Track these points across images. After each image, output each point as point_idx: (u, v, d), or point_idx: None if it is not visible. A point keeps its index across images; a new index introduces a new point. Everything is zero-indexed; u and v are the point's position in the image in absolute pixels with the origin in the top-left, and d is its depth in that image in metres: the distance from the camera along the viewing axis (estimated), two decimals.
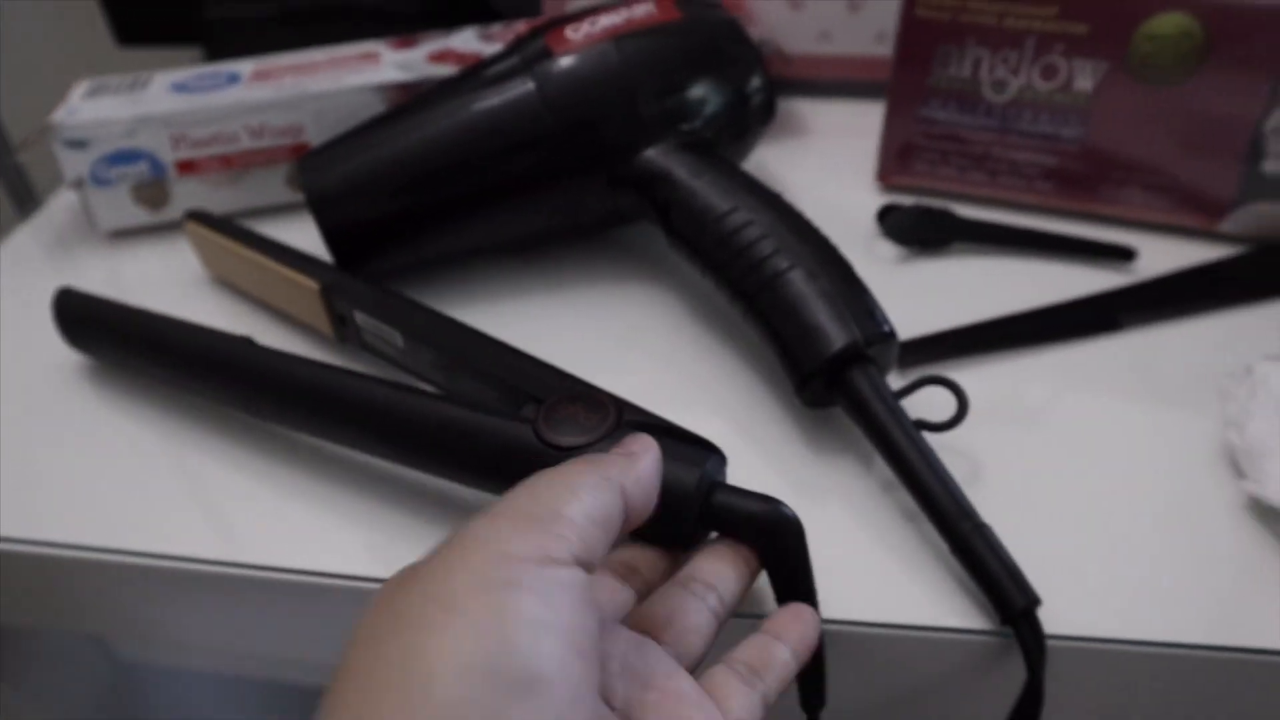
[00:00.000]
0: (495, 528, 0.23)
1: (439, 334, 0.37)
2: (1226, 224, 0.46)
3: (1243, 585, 0.33)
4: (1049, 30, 0.43)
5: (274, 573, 0.34)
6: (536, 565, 0.22)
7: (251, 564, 0.34)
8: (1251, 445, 0.35)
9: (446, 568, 0.22)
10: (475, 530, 0.23)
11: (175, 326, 0.39)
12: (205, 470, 0.38)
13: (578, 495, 0.24)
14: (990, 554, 0.31)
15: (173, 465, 0.38)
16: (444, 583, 0.22)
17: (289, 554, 0.34)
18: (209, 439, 0.39)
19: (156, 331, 0.39)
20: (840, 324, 0.35)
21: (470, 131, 0.43)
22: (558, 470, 0.25)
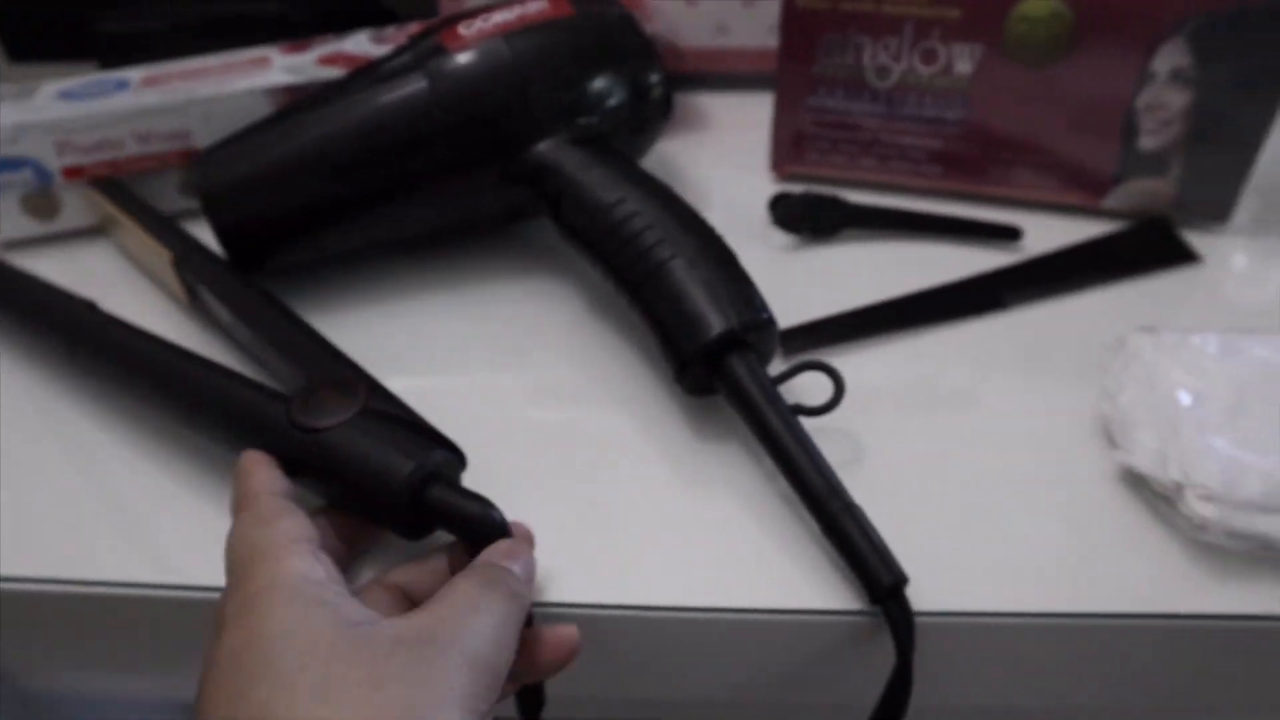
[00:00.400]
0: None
1: (253, 314, 0.40)
2: (1109, 200, 0.47)
3: (1114, 553, 0.34)
4: (925, 16, 0.44)
5: (200, 592, 0.34)
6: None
7: (176, 585, 0.34)
8: (1123, 415, 0.36)
9: None
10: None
11: (22, 280, 0.43)
12: (115, 485, 0.37)
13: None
14: (859, 534, 0.31)
15: (78, 479, 0.38)
16: None
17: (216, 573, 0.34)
18: (115, 450, 0.39)
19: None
20: (718, 311, 0.36)
21: (363, 128, 0.42)
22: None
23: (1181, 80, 0.43)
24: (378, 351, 0.42)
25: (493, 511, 0.30)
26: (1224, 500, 0.32)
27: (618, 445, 0.38)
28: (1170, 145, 0.45)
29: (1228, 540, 0.32)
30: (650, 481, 0.36)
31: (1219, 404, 0.35)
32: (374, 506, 0.32)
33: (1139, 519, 0.35)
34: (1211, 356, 0.36)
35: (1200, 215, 0.47)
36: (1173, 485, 0.33)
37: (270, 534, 0.28)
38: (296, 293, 0.45)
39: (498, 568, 0.29)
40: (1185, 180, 0.46)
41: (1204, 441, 0.33)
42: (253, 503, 0.30)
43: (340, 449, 0.32)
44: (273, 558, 0.27)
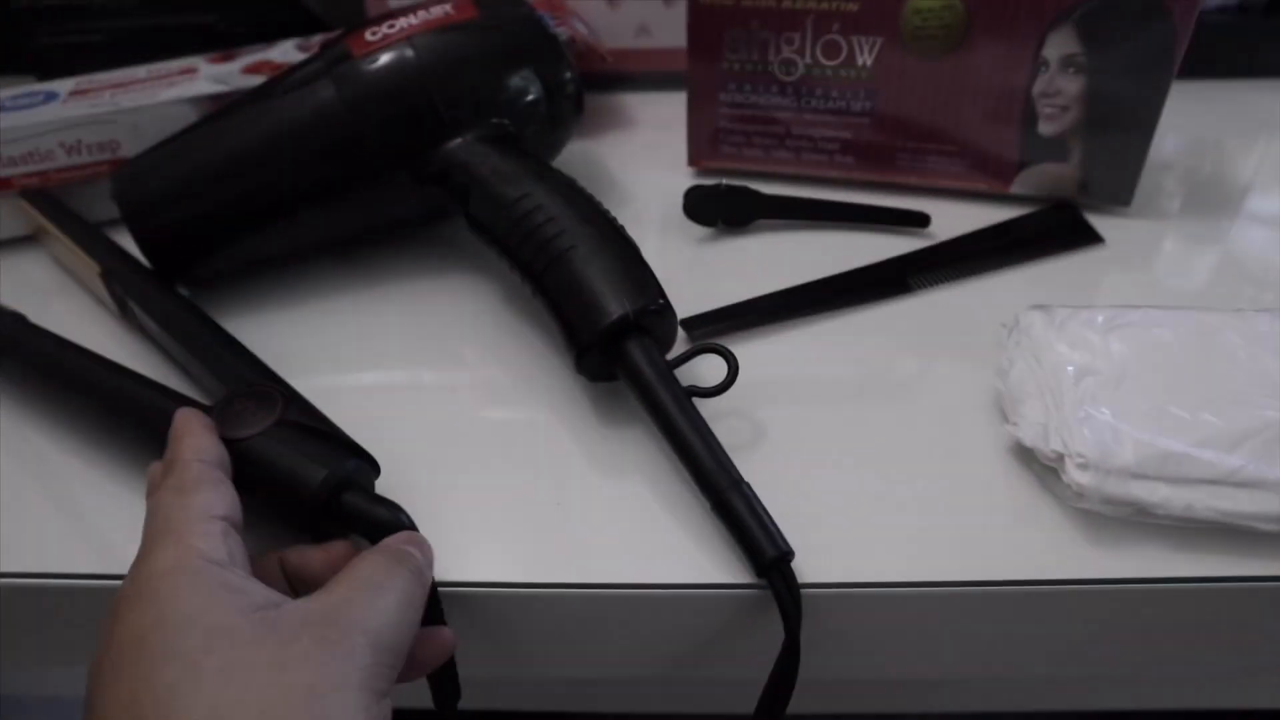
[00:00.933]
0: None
1: (179, 326, 0.41)
2: (1016, 186, 0.49)
3: (1002, 523, 0.35)
4: (824, 9, 0.45)
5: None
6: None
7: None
8: (1012, 390, 0.37)
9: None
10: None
11: None
12: (59, 480, 0.38)
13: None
14: (745, 509, 0.32)
15: (29, 474, 0.38)
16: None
17: None
18: (66, 443, 0.39)
19: None
20: (613, 298, 0.37)
21: (274, 136, 0.43)
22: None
23: (1073, 67, 0.44)
24: (301, 352, 0.43)
25: (401, 515, 0.32)
26: (1099, 468, 0.33)
27: (530, 433, 0.39)
28: (1069, 131, 0.46)
29: (1104, 506, 0.33)
30: (561, 466, 0.37)
31: (1101, 376, 0.36)
32: (291, 513, 0.33)
33: (1027, 490, 0.36)
34: (1098, 330, 0.37)
35: (1103, 199, 0.48)
36: (1054, 455, 0.34)
37: (184, 507, 0.28)
38: (224, 298, 0.46)
39: (400, 549, 0.30)
40: (1087, 165, 0.47)
41: (1084, 412, 0.34)
42: (177, 469, 0.30)
43: (257, 459, 0.33)
44: (178, 537, 0.27)
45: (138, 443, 0.37)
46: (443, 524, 0.33)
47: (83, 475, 0.38)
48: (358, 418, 0.36)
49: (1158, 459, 0.33)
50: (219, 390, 0.37)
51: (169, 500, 0.29)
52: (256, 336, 0.41)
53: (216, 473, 0.31)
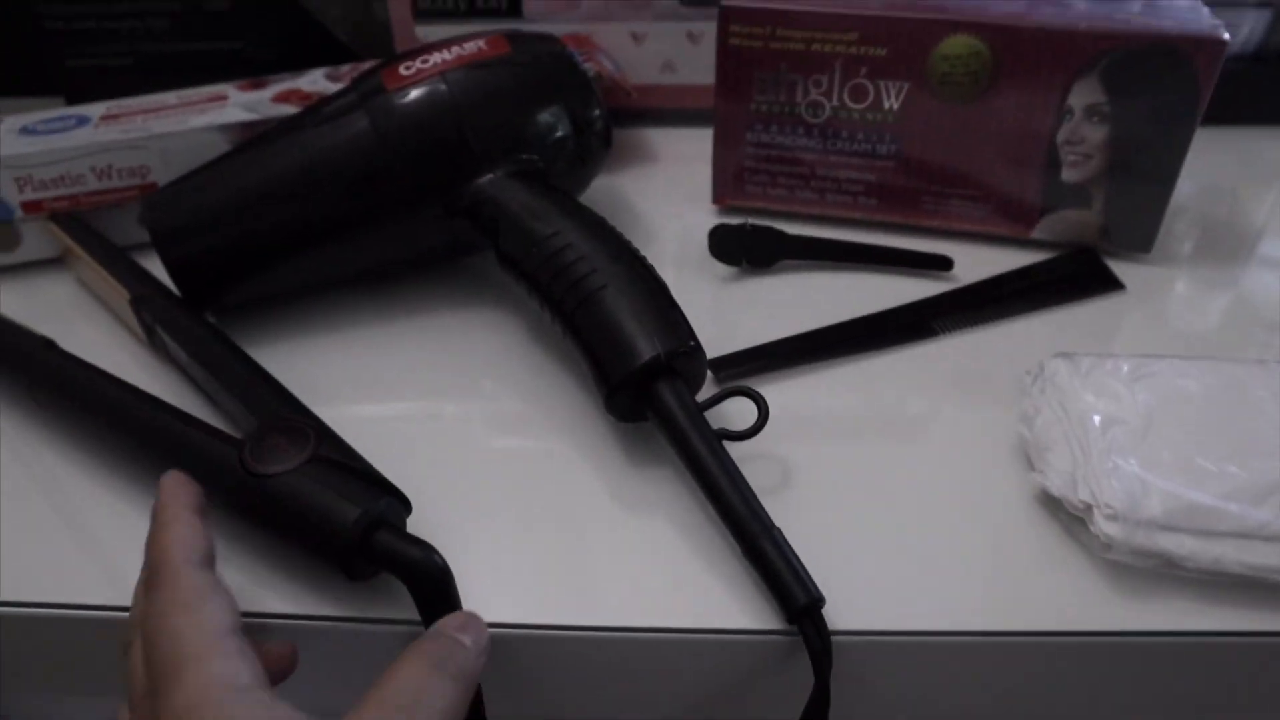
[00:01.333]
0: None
1: (208, 355, 0.41)
2: (1038, 231, 0.49)
3: (1030, 572, 0.35)
4: (852, 54, 0.46)
5: None
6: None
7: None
8: (1038, 439, 0.37)
9: None
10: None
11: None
12: (79, 511, 0.38)
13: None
14: (776, 555, 0.32)
15: (44, 504, 0.38)
16: None
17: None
18: (80, 474, 0.40)
19: None
20: (644, 339, 0.37)
21: (308, 166, 0.44)
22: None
23: (1097, 116, 0.45)
24: (326, 383, 0.43)
25: (434, 556, 0.32)
26: (1127, 519, 0.33)
27: (556, 470, 0.39)
28: (1092, 178, 0.47)
29: (1132, 558, 0.33)
30: (587, 505, 0.37)
31: (1128, 426, 0.36)
32: (322, 552, 0.33)
33: (1054, 539, 0.36)
34: (1123, 380, 0.38)
35: (1124, 245, 0.49)
36: (1082, 505, 0.34)
37: (195, 627, 0.27)
38: (249, 325, 0.46)
39: (447, 641, 0.29)
40: (1109, 211, 0.47)
41: (1112, 463, 0.35)
42: (172, 579, 0.28)
43: (290, 495, 0.33)
44: (198, 662, 0.26)
45: (159, 469, 0.37)
46: (469, 561, 0.33)
47: (111, 506, 0.38)
48: (382, 449, 0.36)
49: (1185, 511, 0.33)
50: (248, 421, 0.38)
51: (176, 619, 0.27)
52: (281, 364, 0.41)
53: (213, 576, 0.29)
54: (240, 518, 0.35)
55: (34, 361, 0.41)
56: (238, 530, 0.36)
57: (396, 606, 0.33)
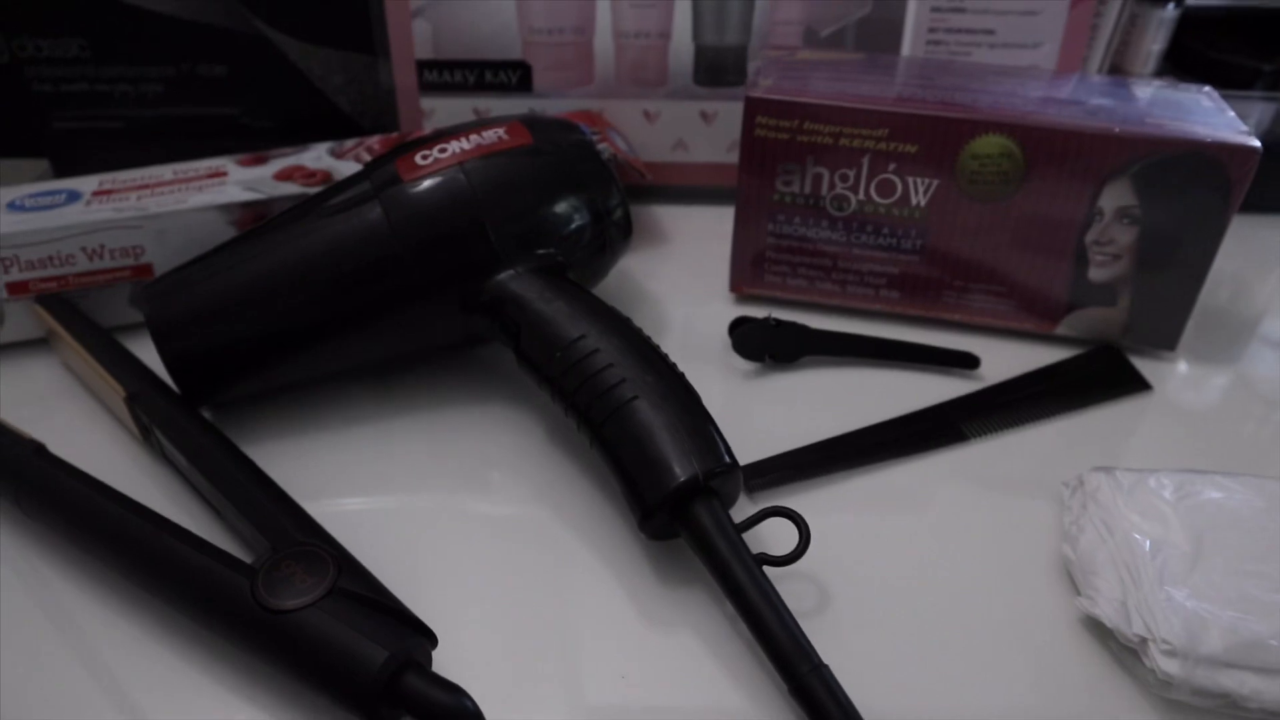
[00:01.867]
0: None
1: (211, 463, 0.38)
2: (1061, 327, 0.48)
3: (1084, 708, 0.33)
4: (881, 149, 0.45)
5: None
6: None
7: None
8: (1082, 560, 0.36)
9: None
10: None
11: None
12: (92, 631, 0.36)
13: None
14: (828, 697, 0.31)
15: (49, 623, 0.36)
16: None
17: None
18: (90, 591, 0.37)
19: None
20: (682, 457, 0.35)
21: (317, 258, 0.42)
22: None
23: (1128, 218, 0.44)
24: (330, 477, 0.41)
25: (466, 701, 0.30)
26: (1187, 656, 0.32)
27: (583, 588, 0.37)
28: (1119, 277, 0.46)
29: (1193, 698, 0.32)
30: (619, 630, 0.36)
31: (1177, 552, 0.35)
32: (343, 697, 0.30)
33: (1103, 668, 0.34)
34: (1168, 501, 0.37)
35: (1149, 343, 0.48)
36: (1137, 639, 0.33)
37: None
38: (244, 416, 0.44)
39: None
40: (1134, 310, 0.47)
41: (1165, 593, 0.34)
42: None
43: (308, 634, 0.31)
44: None
45: (171, 601, 0.34)
46: (494, 694, 0.31)
47: (109, 628, 0.35)
48: (387, 558, 0.34)
49: (1245, 647, 0.32)
50: (258, 542, 0.35)
51: None
52: (278, 459, 0.40)
53: None
54: (252, 654, 0.32)
55: (23, 470, 0.38)
56: (249, 663, 0.34)
57: None
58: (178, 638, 0.35)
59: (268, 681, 0.33)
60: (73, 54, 0.58)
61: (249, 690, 0.33)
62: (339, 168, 0.51)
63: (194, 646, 0.35)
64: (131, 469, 0.42)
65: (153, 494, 0.39)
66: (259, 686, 0.33)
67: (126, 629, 0.35)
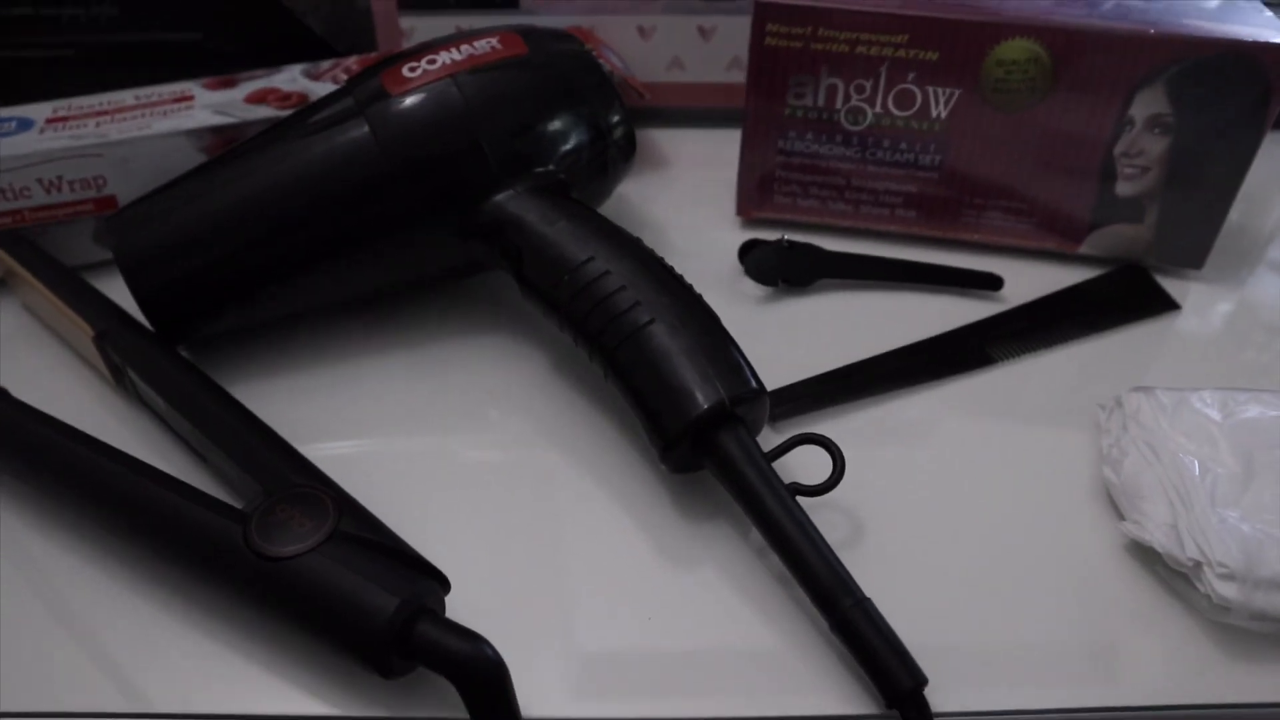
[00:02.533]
0: None
1: (193, 405, 0.35)
2: (1085, 246, 0.46)
3: (1134, 636, 0.32)
4: (900, 57, 0.42)
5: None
6: None
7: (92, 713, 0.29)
8: (1126, 484, 0.34)
9: None
10: None
11: None
12: (69, 594, 0.33)
13: None
14: (873, 632, 0.29)
15: (27, 588, 0.33)
16: None
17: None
18: (68, 546, 0.34)
19: None
20: (705, 383, 0.33)
21: (301, 180, 0.39)
22: None
23: (1159, 127, 0.42)
24: (319, 419, 0.38)
25: (485, 648, 0.27)
26: (1245, 579, 0.30)
27: (600, 528, 0.35)
28: (1147, 192, 0.44)
29: (1251, 622, 0.30)
30: (640, 571, 0.33)
31: (1227, 472, 0.33)
32: (352, 647, 0.28)
33: (1153, 596, 0.33)
34: (1214, 420, 0.35)
35: (1176, 261, 0.46)
36: (1190, 563, 0.31)
37: None
38: (224, 355, 0.41)
39: None
40: (1161, 227, 0.45)
41: (1217, 515, 0.32)
42: None
43: (309, 581, 0.28)
44: None
45: (155, 552, 0.32)
46: (506, 643, 0.28)
47: (88, 586, 0.33)
48: (390, 505, 0.32)
49: None
50: (247, 486, 0.33)
51: None
52: (262, 400, 0.37)
53: None
54: (248, 606, 0.30)
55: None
56: (244, 617, 0.31)
57: (438, 704, 0.29)
58: (163, 592, 0.32)
59: (265, 636, 0.31)
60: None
61: (245, 645, 0.31)
62: (315, 89, 0.48)
63: (182, 602, 0.32)
64: (103, 414, 0.39)
65: (126, 439, 0.36)
66: (255, 642, 0.31)
67: (107, 586, 0.33)
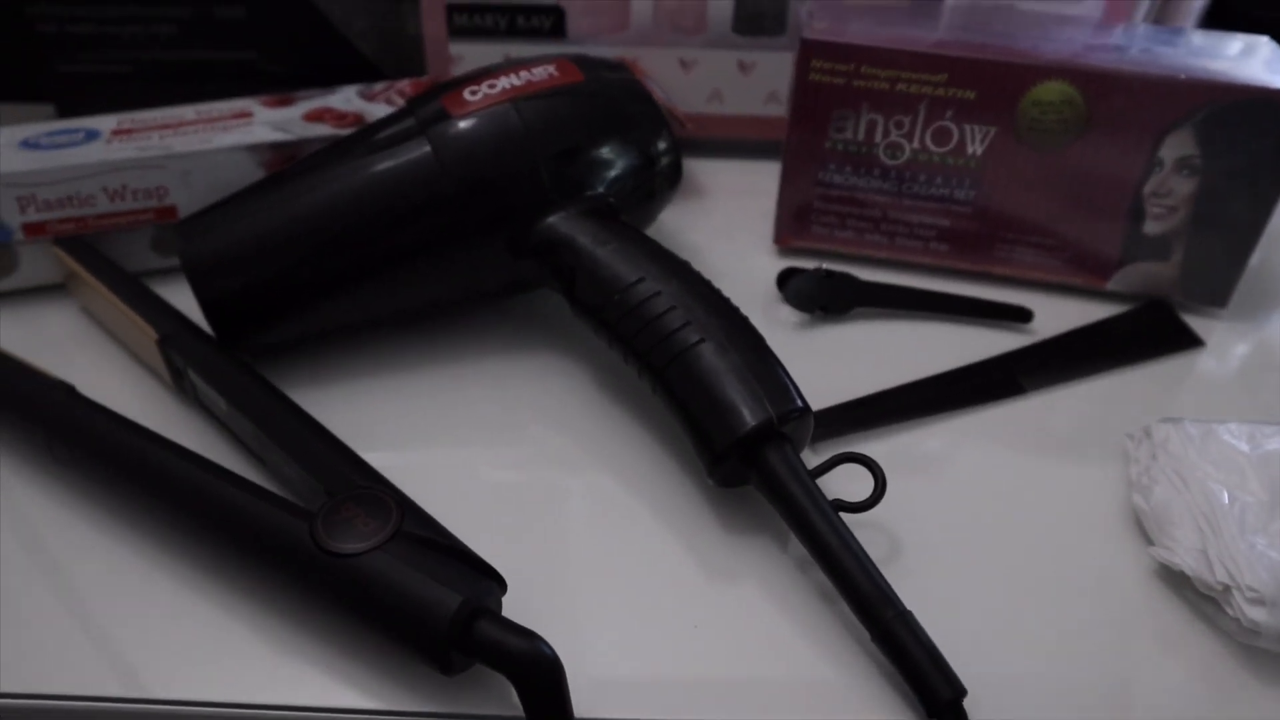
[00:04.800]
0: None
1: (256, 407, 0.37)
2: (1113, 283, 0.48)
3: (1163, 657, 0.33)
4: (939, 96, 0.44)
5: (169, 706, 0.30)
6: None
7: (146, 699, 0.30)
8: (1156, 511, 0.36)
9: None
10: None
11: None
12: (133, 587, 0.34)
13: None
14: (914, 643, 0.30)
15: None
16: None
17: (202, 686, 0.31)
18: (131, 542, 0.35)
19: None
20: (753, 400, 0.34)
21: (363, 196, 0.40)
22: None
23: (1188, 169, 0.43)
24: (371, 427, 0.40)
25: (543, 646, 0.28)
26: (1275, 603, 0.31)
27: (645, 539, 0.36)
28: (1174, 231, 0.45)
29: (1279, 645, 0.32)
30: (685, 582, 0.34)
31: (1255, 500, 0.34)
32: (413, 643, 0.29)
33: (1184, 622, 0.34)
34: (1243, 451, 0.36)
35: (1200, 299, 0.47)
36: (1220, 587, 0.32)
37: None
38: (281, 365, 0.42)
39: None
40: (1187, 265, 0.46)
41: (1247, 541, 0.33)
42: None
43: (375, 578, 0.29)
44: None
45: (221, 548, 0.33)
46: (561, 644, 0.30)
47: (147, 582, 0.34)
48: (441, 512, 0.33)
49: None
50: (310, 488, 0.34)
51: None
52: (313, 406, 0.38)
53: None
54: (312, 602, 0.31)
55: (52, 411, 0.36)
56: (306, 614, 0.32)
57: (495, 701, 0.30)
58: (223, 589, 0.33)
59: (327, 634, 0.32)
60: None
61: (306, 643, 0.32)
62: (370, 110, 0.50)
63: (244, 601, 0.33)
64: (162, 415, 0.40)
65: (186, 441, 0.37)
66: (317, 640, 0.32)
67: (167, 583, 0.34)
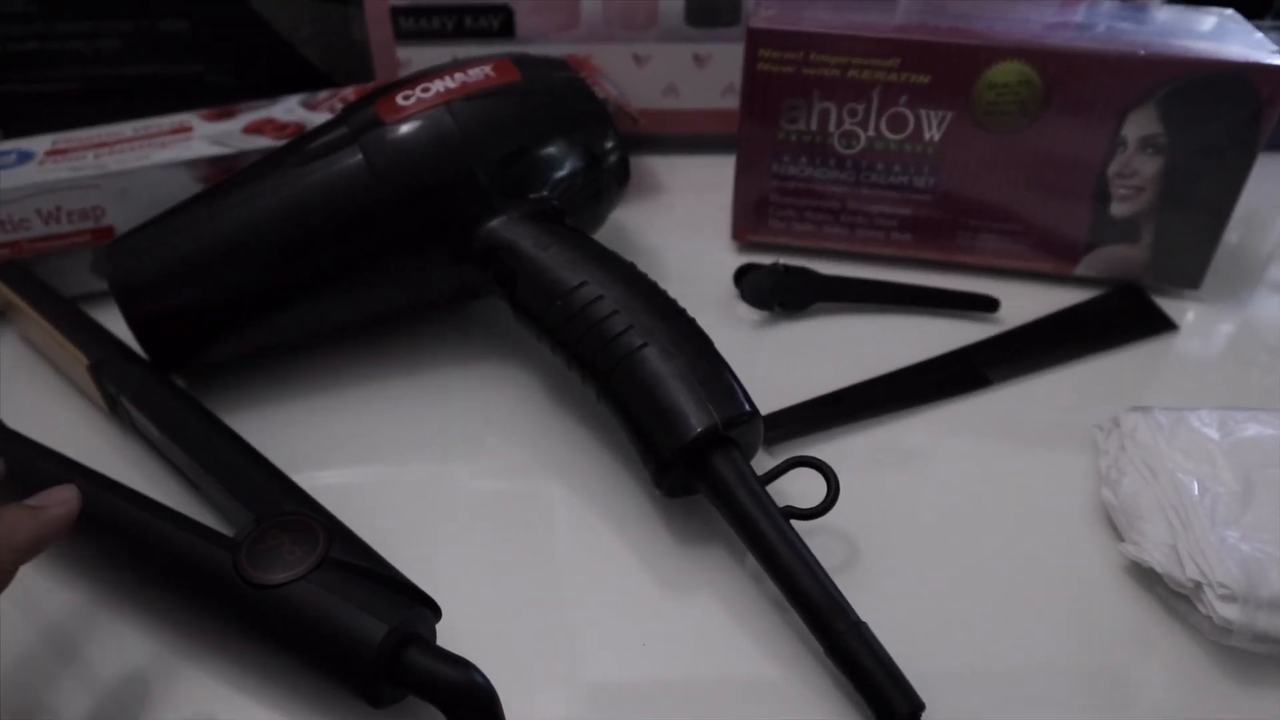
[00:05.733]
0: None
1: (187, 434, 0.35)
2: (1081, 267, 0.46)
3: (1133, 658, 0.31)
4: (892, 81, 0.42)
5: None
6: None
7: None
8: (1125, 505, 0.34)
9: None
10: None
11: None
12: (60, 616, 0.33)
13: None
14: (869, 657, 0.28)
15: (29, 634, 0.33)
16: None
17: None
18: (57, 575, 0.33)
19: None
20: (698, 406, 0.33)
21: (295, 208, 0.39)
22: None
23: (1152, 148, 0.42)
24: (314, 447, 0.38)
25: (475, 675, 0.27)
26: (1247, 600, 0.30)
27: (594, 553, 0.35)
28: (1142, 212, 0.44)
29: (1254, 644, 0.30)
30: (635, 597, 0.33)
31: (1226, 492, 0.33)
32: (339, 673, 0.28)
33: (1155, 619, 0.32)
34: (1213, 440, 0.35)
35: (1172, 281, 0.46)
36: (1191, 584, 0.31)
37: None
38: (218, 383, 0.41)
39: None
40: (1157, 247, 0.45)
41: (1218, 535, 0.31)
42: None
43: (299, 609, 0.28)
44: None
45: (145, 580, 0.32)
46: (499, 666, 0.28)
47: (76, 616, 0.33)
48: (384, 533, 0.32)
49: None
50: (239, 515, 0.32)
51: None
52: (256, 429, 0.37)
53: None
54: (238, 633, 0.30)
55: None
56: (236, 645, 0.31)
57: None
58: (153, 620, 0.32)
59: (257, 665, 0.31)
60: (18, 9, 0.55)
61: (236, 674, 0.30)
62: (313, 120, 0.48)
63: (173, 631, 0.32)
64: (98, 443, 0.39)
65: (120, 468, 0.36)
66: (247, 671, 0.30)
67: (95, 613, 0.32)
